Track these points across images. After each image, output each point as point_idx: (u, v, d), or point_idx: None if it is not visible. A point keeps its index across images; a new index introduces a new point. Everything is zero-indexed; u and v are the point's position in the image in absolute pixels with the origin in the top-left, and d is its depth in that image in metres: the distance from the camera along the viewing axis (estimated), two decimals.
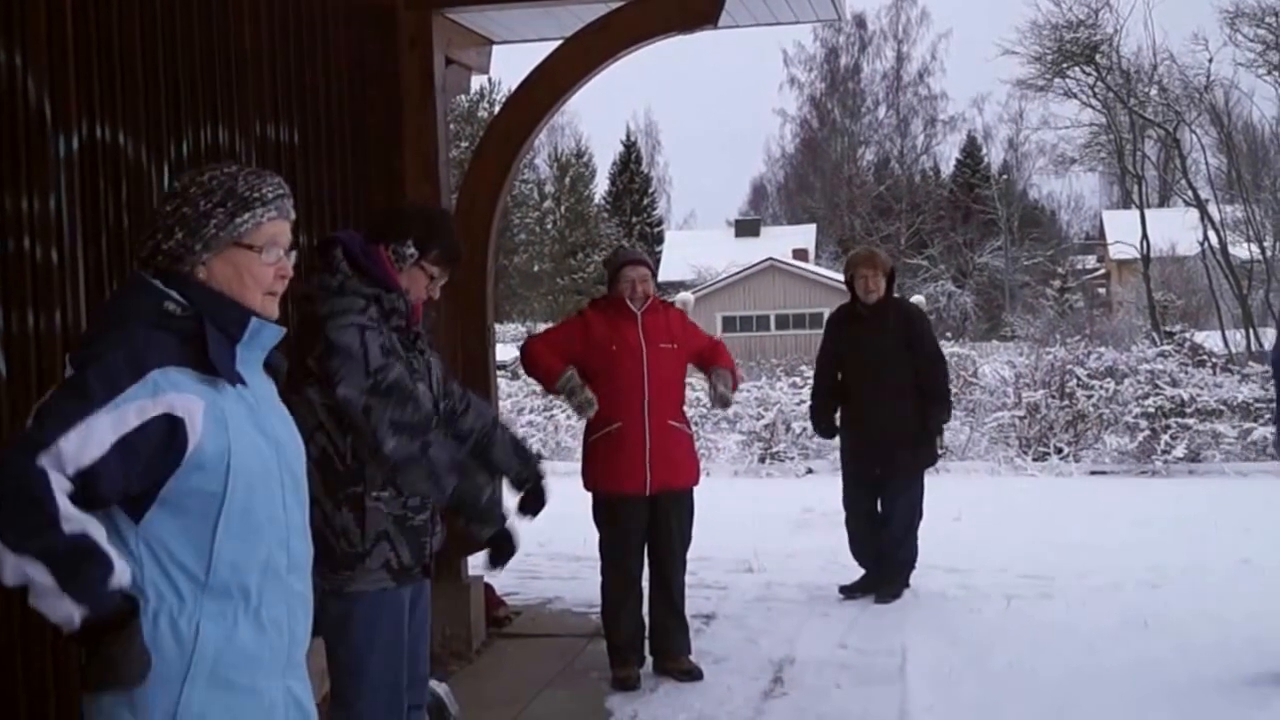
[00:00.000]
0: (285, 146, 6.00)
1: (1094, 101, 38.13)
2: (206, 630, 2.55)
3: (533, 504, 4.51)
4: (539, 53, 7.31)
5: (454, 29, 7.54)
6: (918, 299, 11.01)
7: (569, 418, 16.56)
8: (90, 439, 2.42)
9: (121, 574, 2.46)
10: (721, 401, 6.77)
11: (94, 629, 2.43)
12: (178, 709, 2.52)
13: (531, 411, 18.14)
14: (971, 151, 69.17)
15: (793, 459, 16.27)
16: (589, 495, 6.58)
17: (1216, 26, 49.24)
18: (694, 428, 7.64)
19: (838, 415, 8.52)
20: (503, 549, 4.20)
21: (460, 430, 4.32)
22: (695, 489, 6.66)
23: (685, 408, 6.81)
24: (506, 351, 24.14)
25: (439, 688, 4.89)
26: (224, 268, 2.67)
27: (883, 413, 8.14)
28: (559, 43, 7.29)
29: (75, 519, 2.41)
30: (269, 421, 2.71)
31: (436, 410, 4.19)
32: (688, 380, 7.01)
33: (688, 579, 6.75)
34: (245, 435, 2.61)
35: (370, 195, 6.75)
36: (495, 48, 8.31)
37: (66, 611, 2.41)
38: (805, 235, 63.20)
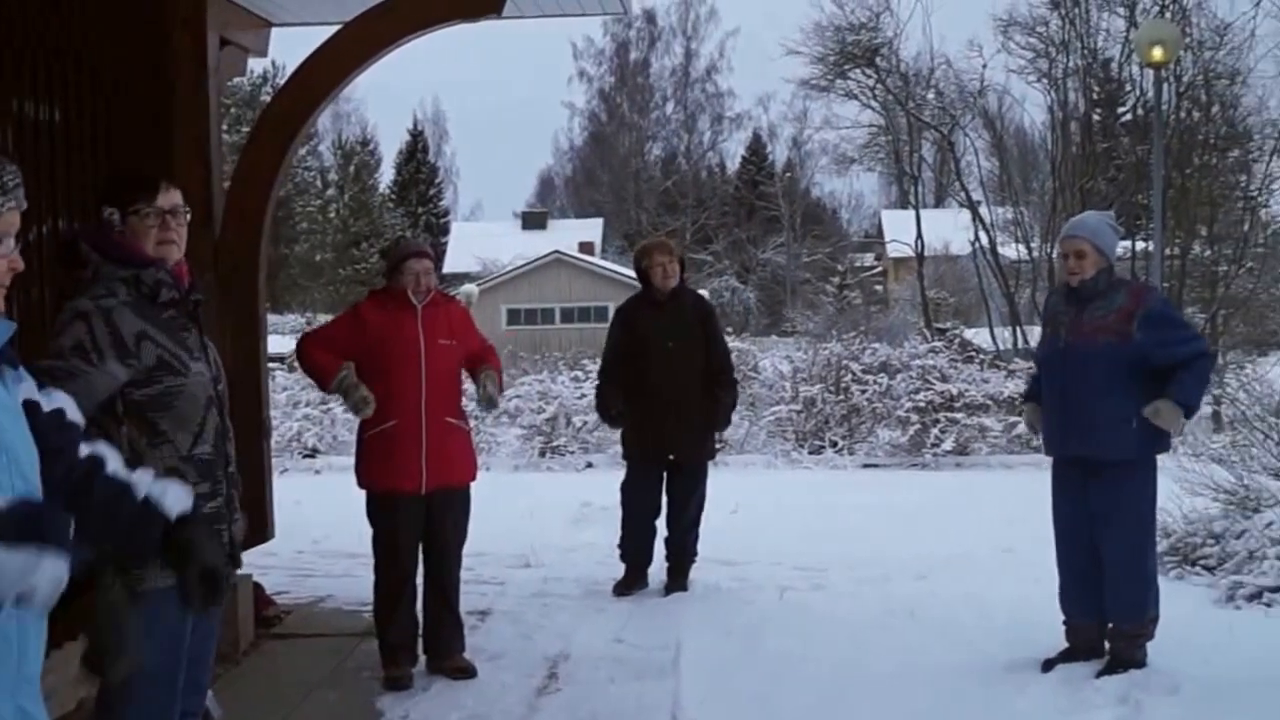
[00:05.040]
0: (44, 127, 5.74)
1: (874, 103, 38.91)
2: None
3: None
4: (325, 36, 7.13)
5: (229, 8, 7.30)
6: (701, 293, 11.13)
7: (346, 412, 16.32)
8: None
9: None
10: (489, 403, 6.62)
11: None
12: None
13: (308, 405, 17.82)
14: (757, 149, 70.30)
15: (573, 453, 16.30)
16: (363, 491, 6.43)
17: (991, 34, 50.86)
18: (474, 421, 7.54)
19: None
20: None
21: None
22: (473, 484, 6.57)
23: (464, 402, 6.71)
24: (285, 344, 23.59)
25: None
26: None
27: (679, 398, 8.16)
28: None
29: None
30: None
31: (215, 391, 4.09)
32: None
33: (464, 575, 6.66)
34: None
35: None
36: (276, 30, 8.09)
37: None
38: (592, 229, 63.40)
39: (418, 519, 6.31)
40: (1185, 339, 6.22)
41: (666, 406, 8.16)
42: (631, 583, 8.33)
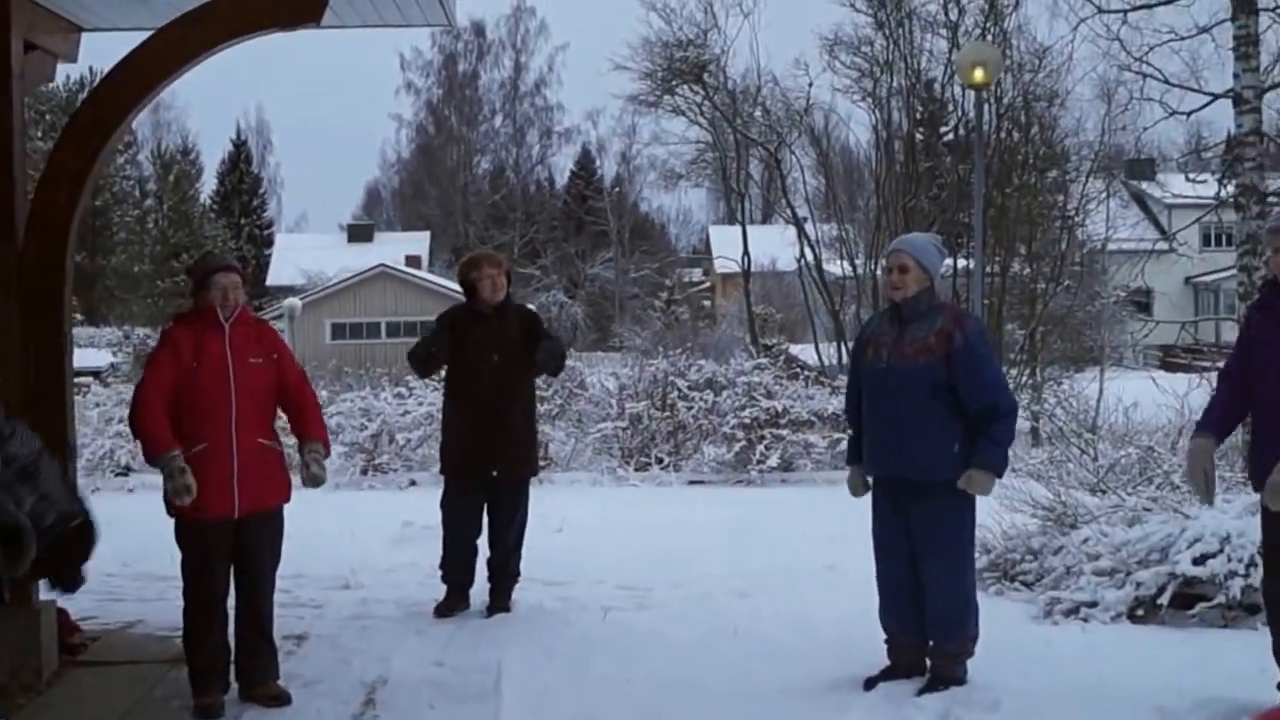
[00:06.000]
0: None
1: (701, 119, 39.32)
2: None
3: (83, 543, 4.17)
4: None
5: (36, 12, 7.04)
6: (530, 307, 10.90)
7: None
8: None
9: None
10: (315, 482, 6.38)
11: None
12: None
13: (120, 421, 17.23)
14: (585, 164, 70.59)
15: (396, 471, 16.03)
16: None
17: (817, 53, 51.73)
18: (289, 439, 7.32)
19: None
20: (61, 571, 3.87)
21: (5, 455, 3.95)
22: (288, 505, 6.37)
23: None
24: (101, 358, 22.95)
25: None
26: None
27: (504, 413, 8.06)
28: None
29: None
30: None
31: None
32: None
33: (280, 598, 6.50)
34: None
35: None
36: (89, 35, 7.83)
37: None
38: (419, 242, 62.85)
39: (229, 542, 6.11)
40: (985, 383, 6.18)
41: (492, 421, 8.05)
42: (453, 604, 8.19)
